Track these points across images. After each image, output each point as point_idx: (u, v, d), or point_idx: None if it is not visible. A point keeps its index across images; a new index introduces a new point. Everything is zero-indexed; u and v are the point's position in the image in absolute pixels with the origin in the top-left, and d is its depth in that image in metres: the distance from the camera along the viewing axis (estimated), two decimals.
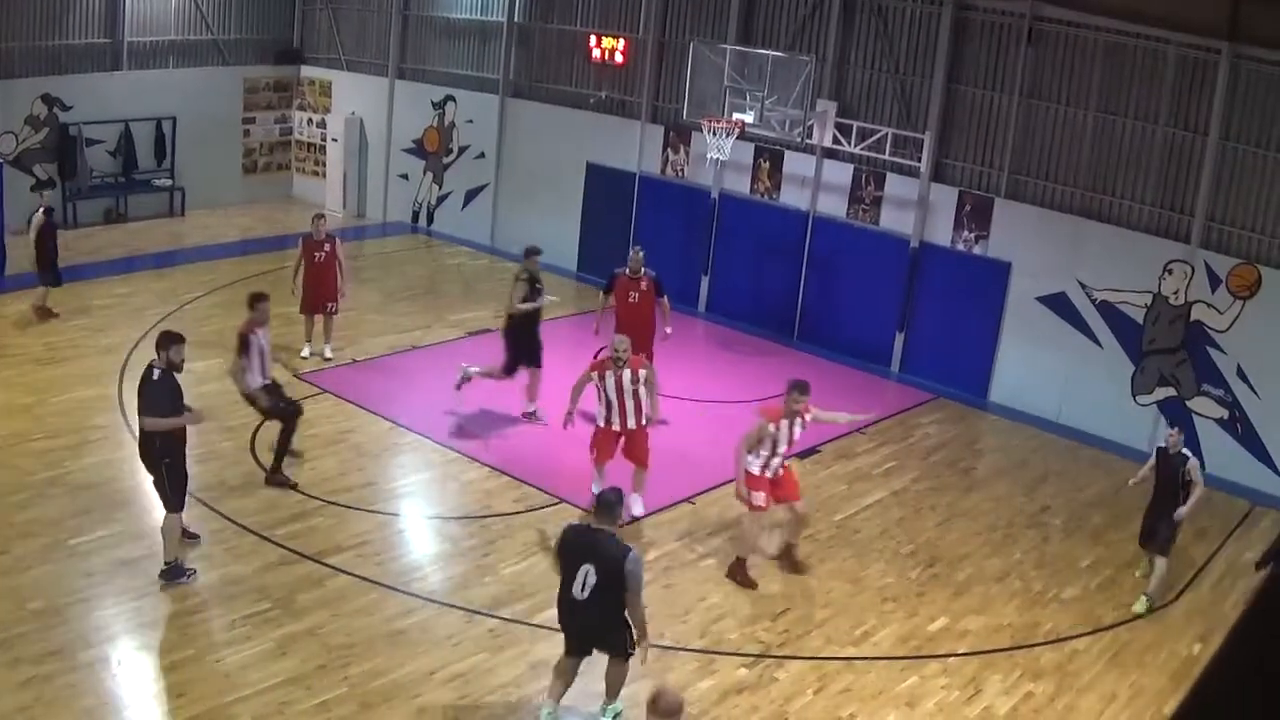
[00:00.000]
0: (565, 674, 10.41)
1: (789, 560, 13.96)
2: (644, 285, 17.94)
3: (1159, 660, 12.62)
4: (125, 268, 21.68)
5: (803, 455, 17.11)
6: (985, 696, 11.64)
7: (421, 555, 13.61)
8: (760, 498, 13.26)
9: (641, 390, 14.30)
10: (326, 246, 18.79)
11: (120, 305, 20.65)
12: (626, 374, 14.12)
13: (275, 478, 14.57)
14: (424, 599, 12.32)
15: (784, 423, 13.18)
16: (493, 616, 12.10)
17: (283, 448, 14.67)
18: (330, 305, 19.05)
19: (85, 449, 14.80)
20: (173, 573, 12.10)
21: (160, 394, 11.77)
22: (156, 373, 11.84)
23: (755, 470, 13.24)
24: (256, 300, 14.50)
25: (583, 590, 9.84)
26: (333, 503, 14.23)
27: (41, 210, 19.79)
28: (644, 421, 14.47)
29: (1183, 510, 13.69)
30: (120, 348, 18.40)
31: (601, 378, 14.19)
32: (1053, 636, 12.93)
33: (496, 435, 16.91)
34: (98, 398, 16.27)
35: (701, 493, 15.40)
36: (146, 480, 12.57)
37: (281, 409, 14.73)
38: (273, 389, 14.73)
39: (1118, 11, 18.46)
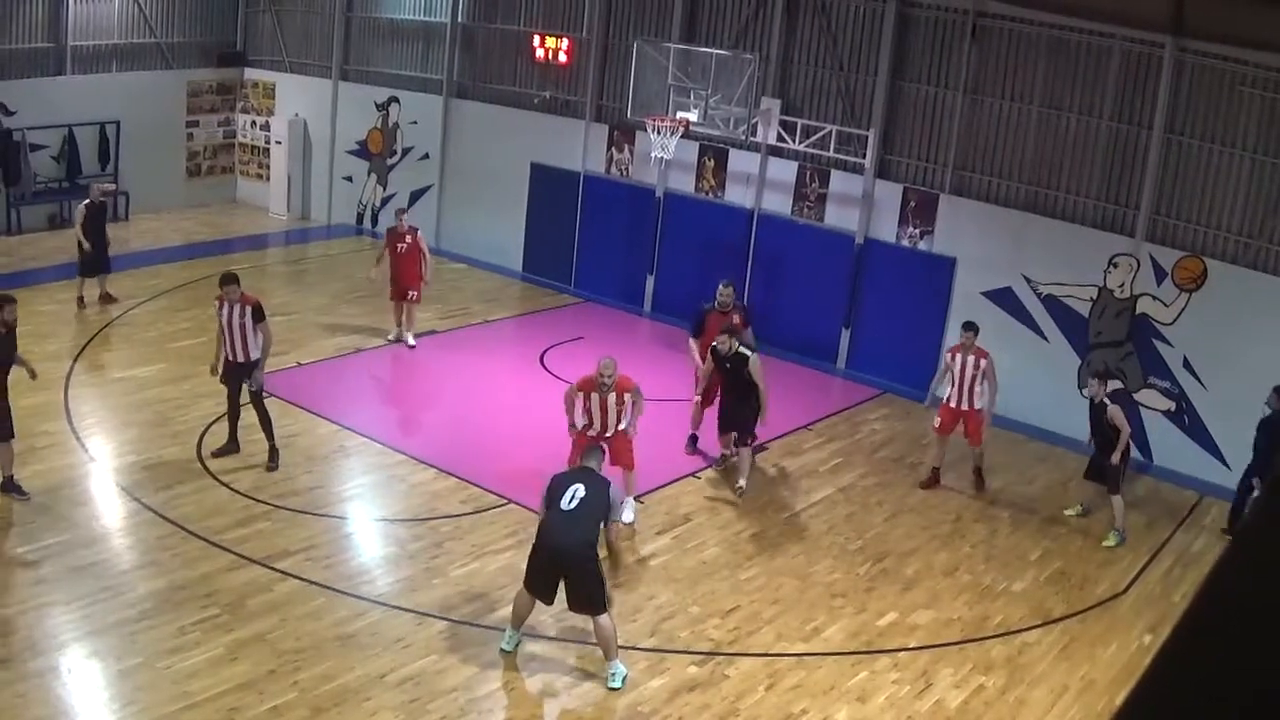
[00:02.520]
0: (525, 606, 11.30)
1: (976, 477, 16.69)
2: (736, 320, 16.82)
3: (1109, 652, 12.71)
4: (69, 273, 21.42)
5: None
6: (936, 690, 11.69)
7: (370, 558, 13.52)
8: (936, 421, 16.45)
9: (627, 407, 13.99)
10: (408, 238, 20.38)
11: (64, 311, 20.42)
12: (612, 396, 13.84)
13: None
14: (373, 602, 12.24)
15: (958, 357, 16.13)
16: (442, 619, 12.04)
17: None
18: (412, 293, 20.54)
19: (32, 455, 14.56)
20: (4, 486, 13.50)
21: None
22: None
23: (942, 396, 16.45)
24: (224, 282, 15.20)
25: (571, 501, 10.88)
26: (280, 506, 14.12)
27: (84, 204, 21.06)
28: (625, 428, 14.07)
29: (1114, 457, 15.07)
30: (65, 354, 18.22)
31: (587, 396, 13.90)
32: (1003, 629, 12.99)
33: (443, 437, 16.86)
34: (44, 404, 16.04)
35: (649, 492, 15.34)
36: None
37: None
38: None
39: (1062, 6, 18.58)
